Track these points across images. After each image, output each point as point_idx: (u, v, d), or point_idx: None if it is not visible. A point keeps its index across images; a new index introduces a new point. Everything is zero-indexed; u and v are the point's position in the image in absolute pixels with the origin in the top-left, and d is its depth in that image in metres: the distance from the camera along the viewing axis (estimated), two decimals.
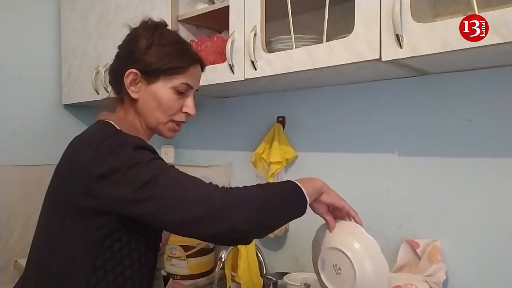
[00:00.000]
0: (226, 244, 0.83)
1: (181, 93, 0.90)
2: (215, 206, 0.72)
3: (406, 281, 0.93)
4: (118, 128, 0.86)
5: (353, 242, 0.83)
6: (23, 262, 1.73)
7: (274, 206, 0.77)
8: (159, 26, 0.93)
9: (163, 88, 0.89)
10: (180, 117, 0.93)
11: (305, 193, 0.80)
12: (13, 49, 1.84)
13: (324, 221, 0.91)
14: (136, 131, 0.88)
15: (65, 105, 2.00)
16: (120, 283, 0.79)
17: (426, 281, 0.95)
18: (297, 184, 0.81)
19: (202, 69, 0.99)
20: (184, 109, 0.92)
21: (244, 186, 0.78)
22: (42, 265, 0.82)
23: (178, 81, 0.89)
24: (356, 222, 0.89)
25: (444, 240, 1.07)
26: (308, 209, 0.83)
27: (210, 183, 0.78)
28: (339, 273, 0.84)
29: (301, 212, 0.81)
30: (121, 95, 0.93)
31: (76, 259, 0.78)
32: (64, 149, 0.86)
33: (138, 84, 0.90)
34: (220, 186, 0.77)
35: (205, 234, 0.74)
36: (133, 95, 0.90)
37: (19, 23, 1.86)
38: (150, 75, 0.88)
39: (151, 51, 0.88)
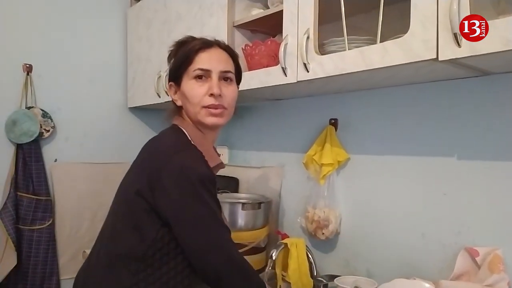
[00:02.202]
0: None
1: (200, 78, 0.97)
2: (235, 273, 0.89)
3: None
4: (189, 138, 0.96)
5: None
6: None
7: None
8: (179, 42, 1.03)
9: (186, 84, 0.98)
10: (207, 101, 0.96)
11: None
12: (84, 56, 2.01)
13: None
14: (201, 138, 0.98)
15: (130, 108, 2.14)
16: (165, 272, 0.87)
17: None
18: None
19: (227, 51, 1.03)
20: (209, 91, 0.96)
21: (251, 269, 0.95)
22: (104, 249, 0.93)
23: (191, 69, 0.97)
24: None
25: (506, 249, 1.01)
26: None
27: (238, 251, 0.93)
28: None
29: None
30: (175, 106, 1.04)
31: (132, 247, 0.87)
32: (128, 149, 0.97)
33: (177, 93, 1.02)
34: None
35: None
36: (177, 103, 1.02)
37: (90, 32, 2.03)
38: (177, 80, 1.01)
39: (172, 62, 1.03)
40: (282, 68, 1.20)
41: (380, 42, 0.98)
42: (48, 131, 1.86)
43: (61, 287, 1.85)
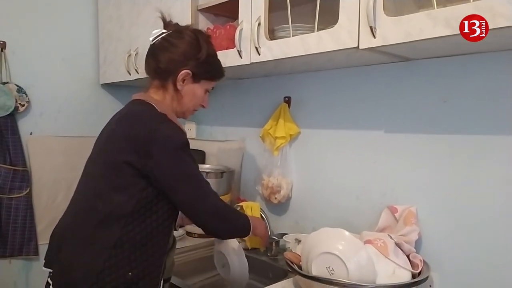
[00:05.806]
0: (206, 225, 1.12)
1: (206, 92, 1.20)
2: (216, 217, 1.10)
3: (376, 236, 1.09)
4: (160, 111, 1.10)
5: (336, 244, 1.01)
6: None
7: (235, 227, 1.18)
8: (208, 36, 1.18)
9: (200, 89, 1.17)
10: (198, 108, 1.23)
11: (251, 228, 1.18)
12: (56, 34, 2.09)
13: (311, 232, 1.13)
14: (171, 114, 1.12)
15: (102, 84, 2.24)
16: (148, 223, 1.04)
17: (389, 235, 1.11)
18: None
19: None
20: (203, 103, 1.22)
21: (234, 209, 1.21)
22: (90, 207, 1.06)
23: (211, 85, 1.20)
24: None
25: (419, 207, 1.22)
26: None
27: (218, 197, 1.12)
28: (332, 273, 1.00)
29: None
30: (165, 83, 1.14)
31: (121, 205, 1.02)
32: (100, 123, 1.12)
33: (185, 81, 1.13)
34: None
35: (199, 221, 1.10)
36: (179, 87, 1.13)
37: (62, 12, 2.10)
38: (197, 77, 1.14)
39: (207, 61, 1.14)
40: (238, 51, 1.35)
41: (317, 31, 1.14)
42: (23, 105, 1.95)
43: (39, 250, 1.99)
